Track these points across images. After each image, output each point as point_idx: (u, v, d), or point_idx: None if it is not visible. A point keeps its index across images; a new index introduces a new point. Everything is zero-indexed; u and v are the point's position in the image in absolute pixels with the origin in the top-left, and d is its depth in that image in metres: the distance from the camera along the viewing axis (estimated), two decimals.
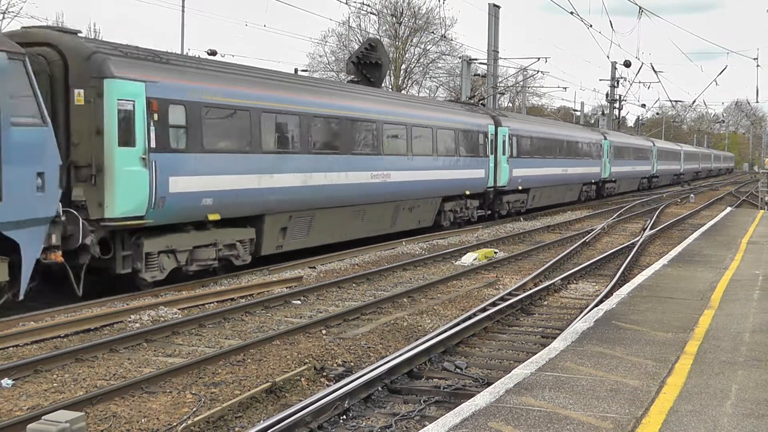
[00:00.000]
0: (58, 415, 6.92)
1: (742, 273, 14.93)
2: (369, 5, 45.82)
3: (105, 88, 13.39)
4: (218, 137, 15.79)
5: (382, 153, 21.72)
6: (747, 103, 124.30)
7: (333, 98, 20.02)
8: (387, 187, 21.86)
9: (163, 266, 14.77)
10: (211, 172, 15.43)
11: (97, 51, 13.65)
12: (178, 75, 14.97)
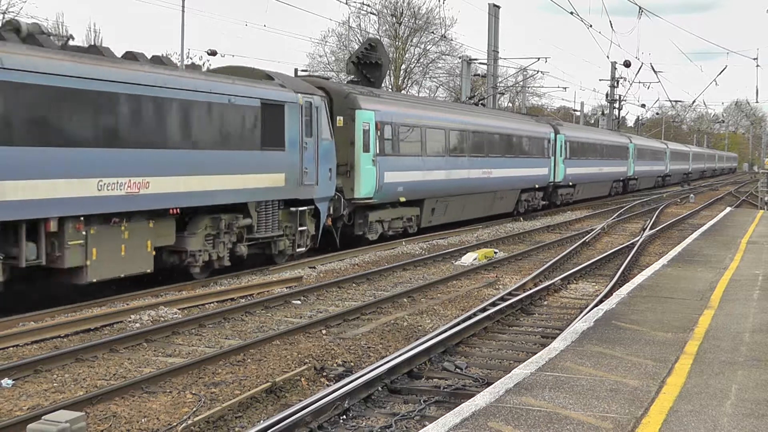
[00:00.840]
0: (58, 415, 6.93)
1: (742, 273, 14.93)
2: (369, 5, 45.83)
3: (356, 115, 20.86)
4: (406, 145, 23.13)
5: (488, 155, 28.71)
6: (747, 103, 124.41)
7: (461, 115, 27.75)
8: (490, 181, 28.99)
9: (377, 231, 22.39)
10: (402, 169, 22.75)
11: (350, 92, 21.36)
12: (388, 105, 22.76)
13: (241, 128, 16.15)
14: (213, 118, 15.45)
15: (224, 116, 15.71)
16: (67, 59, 12.79)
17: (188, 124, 14.89)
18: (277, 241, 17.64)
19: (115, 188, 13.36)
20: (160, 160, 14.26)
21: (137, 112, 13.78)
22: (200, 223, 15.58)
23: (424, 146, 24.12)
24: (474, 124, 27.92)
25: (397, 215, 23.16)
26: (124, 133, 13.56)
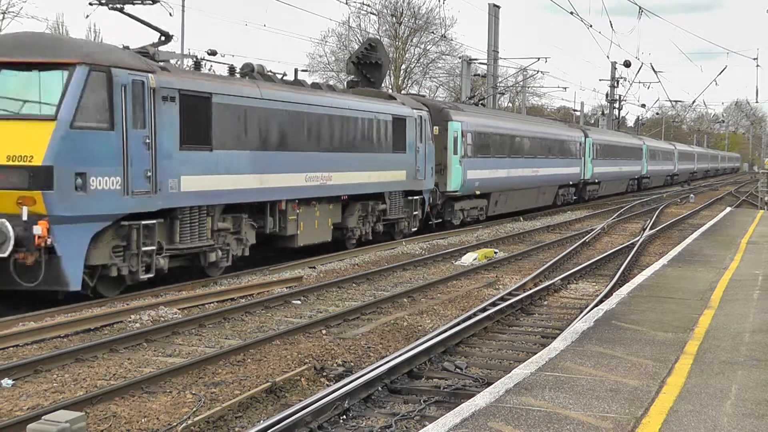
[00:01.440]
0: (58, 415, 6.93)
1: (742, 273, 14.93)
2: (369, 5, 45.85)
3: (448, 126, 26.18)
4: (482, 149, 28.54)
5: (535, 157, 34.00)
6: (747, 103, 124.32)
7: (517, 123, 34.11)
8: (537, 178, 34.46)
9: (459, 217, 27.52)
10: (479, 168, 28.00)
11: (444, 107, 26.96)
12: (469, 116, 28.10)
13: (381, 136, 21.51)
14: (366, 129, 20.77)
15: (372, 128, 21.04)
16: (290, 90, 18.14)
17: (352, 134, 20.16)
18: (399, 222, 23.17)
19: (313, 180, 18.53)
20: (338, 161, 19.40)
21: (326, 126, 18.99)
22: (355, 208, 20.79)
23: (494, 150, 29.86)
24: (526, 131, 33.81)
25: (473, 205, 28.71)
26: (319, 141, 18.74)
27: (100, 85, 12.96)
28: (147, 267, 14.05)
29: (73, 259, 12.63)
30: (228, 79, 16.66)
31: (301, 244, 18.41)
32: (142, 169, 13.62)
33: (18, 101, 12.69)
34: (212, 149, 15.32)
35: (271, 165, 16.97)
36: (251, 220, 16.85)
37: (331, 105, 19.35)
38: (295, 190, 17.80)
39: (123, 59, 13.69)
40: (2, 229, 11.97)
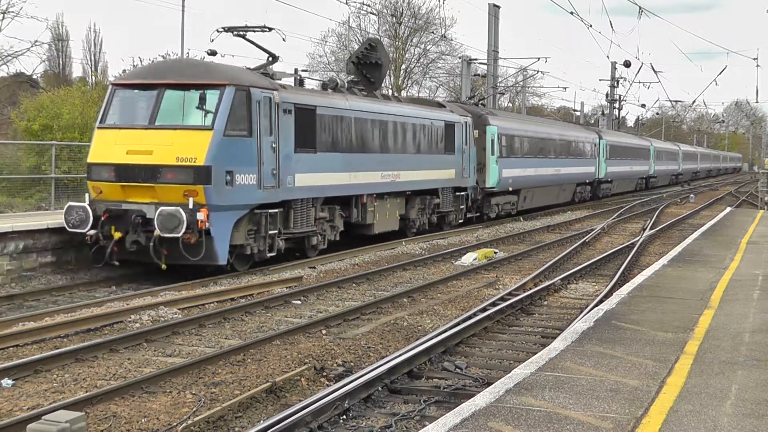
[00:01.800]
0: (58, 415, 6.93)
1: (742, 273, 14.93)
2: (369, 5, 45.83)
3: (486, 129, 28.94)
4: (514, 150, 31.40)
5: (557, 157, 36.89)
6: (747, 103, 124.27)
7: (543, 126, 37.24)
8: (559, 177, 37.17)
9: (495, 211, 30.22)
10: (512, 167, 30.89)
11: (482, 114, 29.58)
12: (503, 121, 31.42)
13: (437, 140, 24.73)
14: (425, 134, 24.02)
15: (430, 133, 24.29)
16: (368, 101, 21.44)
17: (415, 138, 23.43)
18: (449, 214, 26.24)
19: (386, 178, 21.70)
20: (404, 161, 22.65)
21: (395, 131, 22.24)
22: (416, 201, 23.89)
23: (524, 151, 32.76)
24: (550, 133, 36.85)
25: (506, 200, 31.58)
26: (390, 144, 21.99)
27: (243, 101, 16.09)
28: (270, 247, 17.18)
29: (223, 240, 15.70)
30: (326, 93, 20.05)
31: (377, 232, 21.76)
32: (269, 168, 16.80)
33: (182, 115, 15.89)
34: (316, 152, 18.60)
35: (357, 165, 20.33)
36: (341, 210, 20.25)
37: (399, 113, 22.74)
38: (373, 186, 21.21)
39: (258, 81, 16.91)
40: (177, 215, 14.87)
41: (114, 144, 15.91)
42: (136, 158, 15.58)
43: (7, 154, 23.84)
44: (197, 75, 16.22)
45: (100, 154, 16.03)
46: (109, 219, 15.54)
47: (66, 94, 27.59)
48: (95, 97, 28.23)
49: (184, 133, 15.61)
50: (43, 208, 21.11)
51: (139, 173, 15.52)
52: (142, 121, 16.01)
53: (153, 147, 15.51)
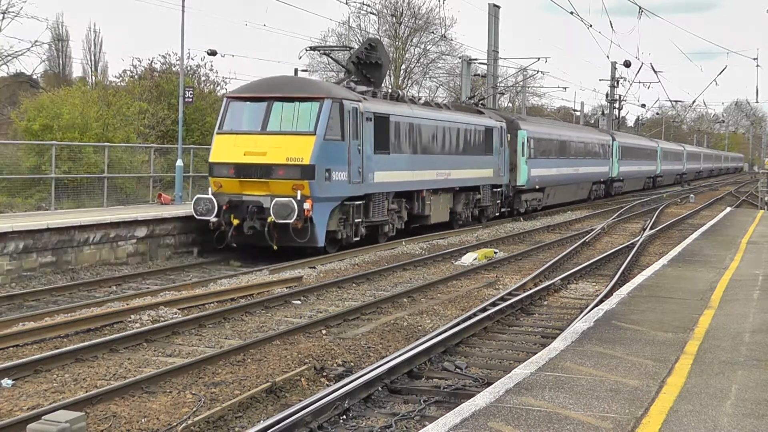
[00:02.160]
0: (58, 415, 6.93)
1: (742, 273, 14.92)
2: (369, 5, 45.83)
3: (518, 133, 31.83)
4: (541, 151, 34.61)
5: (576, 157, 40.32)
6: (747, 103, 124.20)
7: (563, 130, 40.78)
8: (577, 176, 40.68)
9: (524, 207, 33.41)
10: (539, 167, 34.09)
11: (514, 119, 32.96)
12: (532, 126, 34.91)
13: (478, 143, 27.94)
14: (470, 138, 27.26)
15: (473, 136, 27.56)
16: (426, 109, 24.80)
17: (462, 141, 26.64)
18: (487, 208, 29.57)
19: (440, 176, 24.88)
20: (454, 161, 25.96)
21: (447, 135, 25.49)
22: (461, 197, 27.19)
23: (548, 152, 35.86)
24: (570, 136, 40.33)
25: (533, 197, 34.78)
26: (443, 146, 25.19)
27: (337, 111, 19.36)
28: (354, 233, 20.59)
29: (322, 226, 19.08)
30: (395, 102, 23.25)
31: (432, 222, 24.96)
32: (356, 167, 20.05)
33: (288, 122, 19.06)
34: (390, 153, 21.92)
35: (418, 164, 23.53)
36: (406, 203, 23.37)
37: (450, 119, 26.12)
38: (430, 182, 24.43)
39: (348, 94, 20.23)
40: (290, 204, 18.14)
41: (233, 146, 19.17)
42: (252, 158, 18.91)
43: (7, 154, 23.83)
44: (300, 90, 19.79)
45: (220, 155, 19.33)
46: (229, 208, 18.88)
47: (66, 94, 27.60)
48: (95, 97, 28.26)
49: (291, 138, 18.94)
50: (43, 208, 21.12)
51: (255, 171, 18.91)
52: (255, 127, 19.32)
53: (266, 149, 18.82)
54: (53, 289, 15.16)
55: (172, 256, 20.04)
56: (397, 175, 22.34)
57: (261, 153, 18.83)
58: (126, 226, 18.75)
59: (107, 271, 17.71)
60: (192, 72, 33.48)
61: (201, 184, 27.68)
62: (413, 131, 23.33)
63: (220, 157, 19.32)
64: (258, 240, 18.92)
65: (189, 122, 30.47)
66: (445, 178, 25.33)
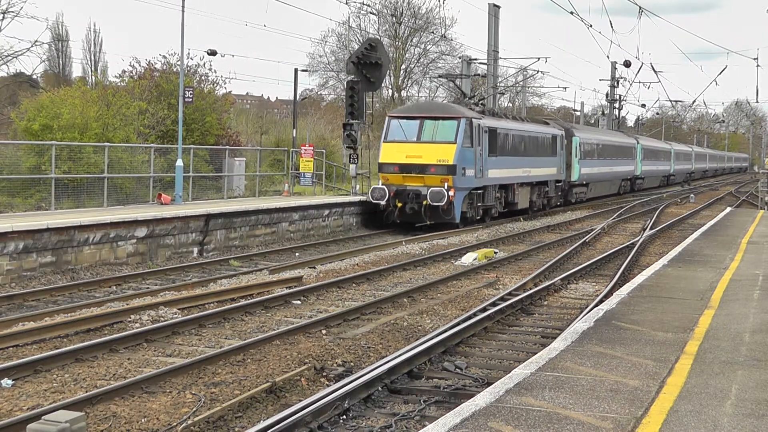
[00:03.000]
0: (58, 415, 6.92)
1: (742, 273, 14.92)
2: (369, 5, 45.83)
3: (572, 139, 38.61)
4: (587, 153, 41.05)
5: (612, 158, 47.06)
6: (747, 103, 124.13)
7: (600, 135, 47.73)
8: (612, 174, 47.79)
9: (575, 198, 40.12)
10: (586, 166, 40.69)
11: (570, 127, 40.85)
12: (582, 133, 41.89)
13: (547, 147, 35.21)
14: (542, 143, 34.47)
15: (544, 142, 34.83)
16: (513, 121, 32.63)
17: (537, 146, 33.89)
18: (552, 199, 36.44)
19: (524, 173, 31.73)
20: (532, 162, 32.96)
21: (527, 142, 32.53)
22: (536, 189, 34.04)
23: (593, 154, 42.98)
24: (608, 140, 47.16)
25: (581, 191, 41.85)
26: (525, 150, 32.21)
27: (469, 126, 27.06)
28: (476, 213, 28.35)
29: (458, 207, 26.78)
30: (498, 118, 30.89)
31: (519, 208, 32.02)
32: (479, 166, 27.64)
33: (436, 135, 26.77)
34: (497, 156, 29.24)
35: (511, 164, 30.70)
36: (504, 193, 30.68)
37: (529, 129, 33.74)
38: (519, 178, 31.63)
39: (473, 114, 28.17)
40: (443, 192, 25.85)
41: (397, 152, 26.94)
42: (412, 159, 26.66)
43: (7, 154, 23.83)
44: (443, 111, 27.80)
45: (388, 157, 27.14)
46: (394, 195, 26.41)
47: (66, 94, 27.58)
48: (95, 97, 28.23)
49: (439, 146, 26.66)
50: (43, 208, 21.11)
51: (414, 168, 26.58)
52: (412, 138, 27.05)
53: (422, 153, 26.60)
54: (53, 289, 15.16)
55: (173, 256, 20.05)
56: (501, 172, 29.82)
57: (418, 156, 26.63)
58: (126, 226, 18.76)
59: (107, 271, 17.71)
60: (192, 72, 33.48)
61: (201, 184, 27.68)
62: (509, 139, 30.80)
63: (388, 159, 27.10)
64: (415, 218, 26.54)
65: (189, 122, 30.46)
66: (527, 175, 32.57)
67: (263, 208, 23.62)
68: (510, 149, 30.75)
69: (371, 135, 34.78)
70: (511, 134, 31.10)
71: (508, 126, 31.15)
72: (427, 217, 26.12)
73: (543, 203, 35.55)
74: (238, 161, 30.95)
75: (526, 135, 32.84)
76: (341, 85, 59.88)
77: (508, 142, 30.51)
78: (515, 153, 31.32)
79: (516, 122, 33.20)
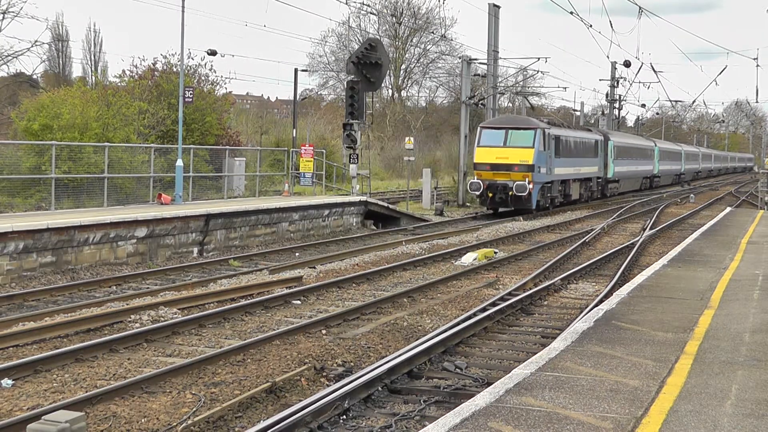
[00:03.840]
0: (58, 415, 6.93)
1: (742, 273, 14.92)
2: (369, 5, 45.83)
3: (608, 142, 46.18)
4: (620, 155, 49.20)
5: (636, 158, 54.30)
6: (747, 103, 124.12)
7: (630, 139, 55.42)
8: (636, 171, 54.92)
9: (610, 192, 47.90)
10: (620, 166, 49.04)
11: (606, 133, 48.21)
12: (616, 137, 49.40)
13: (591, 149, 42.06)
14: (588, 147, 41.50)
15: (590, 146, 41.95)
16: (569, 130, 39.99)
17: (585, 149, 40.91)
18: (594, 192, 43.25)
19: (576, 171, 39.31)
20: (581, 162, 40.19)
21: (579, 146, 39.90)
22: (583, 184, 41.24)
23: (623, 155, 49.80)
24: (633, 143, 54.49)
25: (614, 186, 48.67)
26: (577, 152, 39.58)
27: (542, 135, 33.64)
28: (547, 202, 35.17)
29: (535, 198, 33.35)
30: (558, 127, 37.41)
31: (573, 199, 39.40)
32: (549, 165, 34.48)
33: (519, 141, 33.21)
34: (559, 157, 36.07)
35: (568, 164, 37.83)
36: (563, 187, 37.70)
37: (579, 136, 40.77)
38: (573, 175, 38.94)
39: (545, 125, 34.82)
40: (525, 185, 32.41)
41: (488, 154, 33.83)
42: (500, 160, 33.43)
43: (7, 154, 23.83)
44: (523, 123, 34.91)
45: (481, 158, 33.96)
46: (486, 187, 33.19)
47: (66, 94, 27.58)
48: (95, 97, 28.24)
49: (521, 149, 33.36)
50: (43, 208, 21.12)
51: (502, 167, 33.30)
52: (500, 143, 33.82)
53: (508, 155, 33.34)
54: (53, 289, 15.16)
55: (173, 256, 20.06)
56: (562, 170, 37.12)
57: (505, 157, 33.47)
58: (126, 226, 18.76)
59: (107, 271, 17.72)
60: (192, 72, 33.49)
61: (201, 184, 27.68)
62: (567, 144, 37.83)
63: (481, 159, 34.05)
64: (502, 205, 33.82)
65: (189, 122, 30.46)
66: (578, 172, 40.18)
67: (263, 208, 23.62)
68: (568, 152, 37.97)
69: (371, 135, 34.89)
70: (568, 140, 38.36)
71: (566, 133, 38.40)
72: (512, 203, 33.25)
73: (588, 195, 43.23)
74: (238, 161, 30.96)
75: (578, 140, 40.31)
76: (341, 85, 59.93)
77: (566, 147, 37.73)
78: (571, 155, 38.65)
79: (570, 130, 40.82)
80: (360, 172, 31.79)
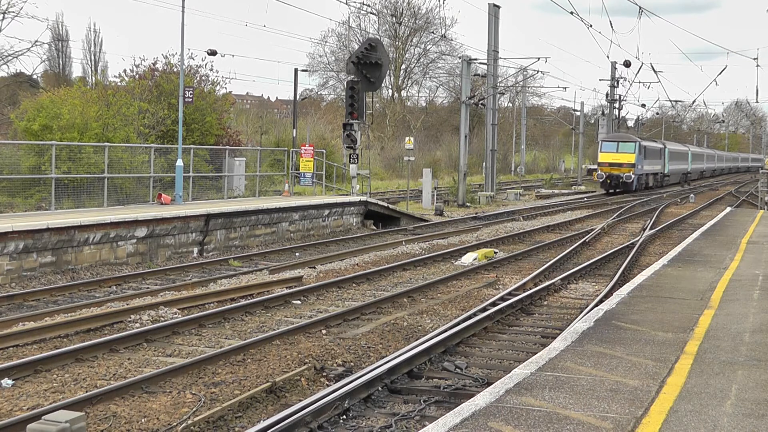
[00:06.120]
0: (58, 415, 6.93)
1: (742, 273, 14.92)
2: (369, 5, 45.84)
3: (635, 144, 55.34)
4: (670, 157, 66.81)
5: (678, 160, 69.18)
6: (747, 103, 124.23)
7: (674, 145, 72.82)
8: (677, 169, 69.04)
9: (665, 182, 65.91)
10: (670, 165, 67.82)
11: (664, 141, 69.12)
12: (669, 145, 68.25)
13: (658, 153, 60.79)
14: (658, 152, 60.96)
15: (661, 152, 61.73)
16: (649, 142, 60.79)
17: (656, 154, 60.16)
18: (659, 181, 61.81)
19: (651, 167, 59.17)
20: (654, 162, 59.59)
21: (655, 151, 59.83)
22: (655, 177, 60.65)
23: (672, 158, 63.65)
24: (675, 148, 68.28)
25: (666, 180, 62.77)
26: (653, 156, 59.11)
27: (639, 146, 54.17)
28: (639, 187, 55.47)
29: (635, 184, 53.71)
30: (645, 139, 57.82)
31: (650, 185, 57.99)
32: (641, 164, 54.59)
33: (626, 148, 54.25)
34: (645, 159, 55.28)
35: (649, 164, 56.52)
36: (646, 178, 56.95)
37: (654, 145, 58.52)
38: (651, 170, 57.69)
39: (640, 138, 56.41)
40: (632, 176, 53.13)
41: (607, 157, 52.87)
42: (615, 160, 52.53)
43: (7, 154, 23.83)
44: (628, 138, 54.38)
45: (603, 159, 52.87)
46: (606, 177, 52.56)
47: (66, 94, 27.58)
48: (95, 97, 28.25)
49: (627, 154, 52.60)
50: (43, 208, 21.12)
51: (615, 165, 52.44)
52: (614, 150, 52.92)
53: (619, 158, 52.46)
54: (53, 289, 15.16)
55: (173, 256, 20.06)
56: (647, 168, 53.63)
57: (618, 159, 51.72)
58: (126, 226, 18.76)
59: (107, 271, 17.72)
60: (193, 72, 33.49)
61: (201, 184, 27.68)
62: (650, 150, 54.97)
63: (603, 160, 52.11)
64: (615, 188, 51.45)
65: (189, 122, 30.46)
66: (653, 168, 57.09)
67: (263, 208, 23.62)
68: (650, 155, 55.66)
69: (371, 135, 34.78)
70: (649, 148, 55.92)
71: (648, 144, 56.38)
72: (621, 187, 51.66)
73: (655, 184, 59.62)
74: (238, 161, 30.95)
75: (654, 148, 57.92)
76: (341, 85, 59.95)
77: (649, 152, 55.41)
78: (650, 157, 55.84)
79: (650, 141, 59.01)
80: (360, 172, 31.79)
